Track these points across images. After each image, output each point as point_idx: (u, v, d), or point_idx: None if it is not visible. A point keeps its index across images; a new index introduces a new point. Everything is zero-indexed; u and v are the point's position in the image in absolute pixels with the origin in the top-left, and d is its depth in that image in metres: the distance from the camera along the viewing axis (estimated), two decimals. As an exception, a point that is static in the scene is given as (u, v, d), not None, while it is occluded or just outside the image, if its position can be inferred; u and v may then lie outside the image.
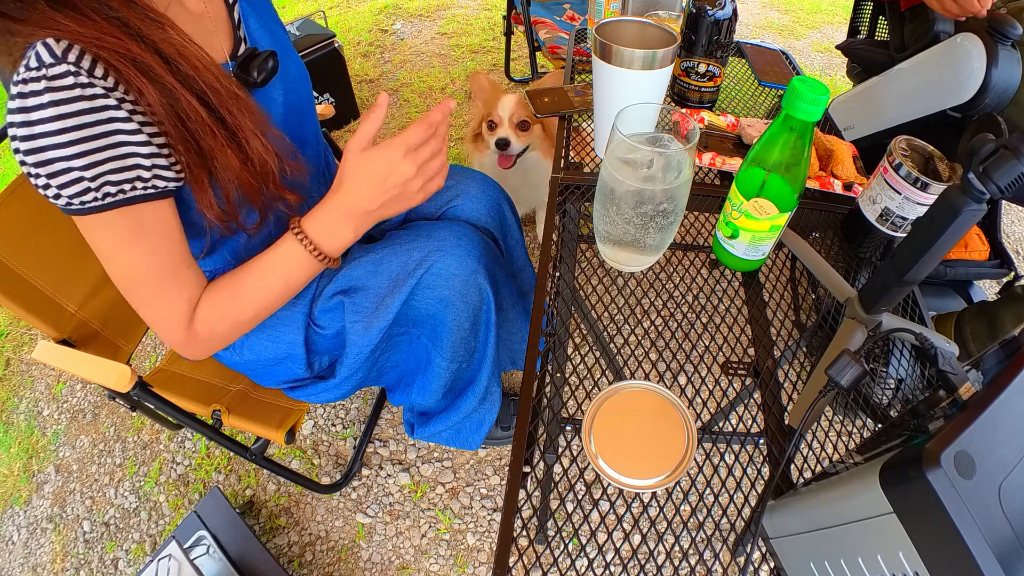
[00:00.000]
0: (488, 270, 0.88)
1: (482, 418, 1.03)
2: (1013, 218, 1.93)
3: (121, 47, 0.52)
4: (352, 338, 0.86)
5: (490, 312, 0.90)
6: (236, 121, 0.61)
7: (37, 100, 0.50)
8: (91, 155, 0.52)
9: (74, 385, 1.53)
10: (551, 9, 2.00)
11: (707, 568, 0.55)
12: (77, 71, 0.50)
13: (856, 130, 1.05)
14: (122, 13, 0.53)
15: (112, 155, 0.54)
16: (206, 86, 0.58)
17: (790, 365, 0.73)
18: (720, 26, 0.90)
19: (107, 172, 0.54)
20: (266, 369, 0.89)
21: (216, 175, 0.62)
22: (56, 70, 0.50)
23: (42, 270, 0.83)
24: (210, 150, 0.60)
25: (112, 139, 0.53)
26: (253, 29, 0.73)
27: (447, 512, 1.22)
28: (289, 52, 0.77)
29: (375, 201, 0.66)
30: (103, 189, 0.54)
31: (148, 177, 0.57)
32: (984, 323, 1.13)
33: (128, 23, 0.53)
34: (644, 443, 0.54)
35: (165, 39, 0.55)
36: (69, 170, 0.52)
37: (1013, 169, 0.47)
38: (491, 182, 1.06)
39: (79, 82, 0.51)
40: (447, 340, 0.90)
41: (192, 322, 0.67)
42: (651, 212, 0.61)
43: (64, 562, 1.22)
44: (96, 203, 0.55)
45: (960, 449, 0.34)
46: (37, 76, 0.50)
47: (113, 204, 0.56)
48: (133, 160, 0.55)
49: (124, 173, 0.55)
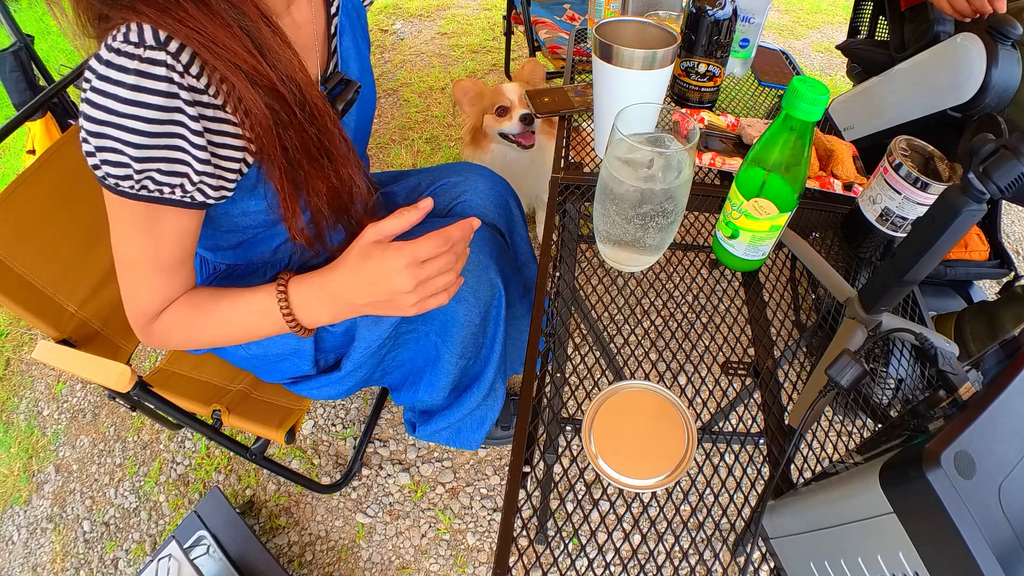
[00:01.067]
0: (498, 265, 0.88)
1: (484, 415, 1.03)
2: (1013, 218, 1.93)
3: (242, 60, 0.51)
4: (362, 332, 0.85)
5: (500, 307, 0.90)
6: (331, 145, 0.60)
7: (121, 76, 0.48)
8: (147, 150, 0.51)
9: (74, 385, 1.53)
10: (551, 9, 2.00)
11: (707, 568, 0.55)
12: (174, 63, 0.48)
13: (856, 130, 1.05)
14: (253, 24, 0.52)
15: (167, 156, 0.53)
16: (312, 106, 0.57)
17: (790, 365, 0.73)
18: (720, 26, 0.90)
19: (155, 171, 0.53)
20: (272, 364, 0.89)
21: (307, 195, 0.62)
22: (153, 55, 0.48)
23: (42, 270, 0.83)
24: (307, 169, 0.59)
25: (173, 141, 0.52)
26: (345, 48, 0.71)
27: (447, 512, 1.22)
28: (368, 72, 0.76)
29: (362, 298, 0.63)
30: (144, 183, 0.54)
31: (191, 189, 0.57)
32: (984, 323, 1.12)
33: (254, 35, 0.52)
34: (644, 443, 0.54)
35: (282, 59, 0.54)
36: (120, 152, 0.51)
37: (1013, 169, 0.47)
38: (498, 178, 1.06)
39: (171, 76, 0.49)
40: (457, 336, 0.89)
41: (157, 318, 0.67)
42: (651, 212, 0.61)
43: (64, 562, 1.22)
44: (131, 191, 0.54)
45: (960, 449, 0.34)
46: (132, 53, 0.48)
47: (146, 198, 0.55)
48: (184, 168, 0.55)
49: (170, 177, 0.55)
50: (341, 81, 0.68)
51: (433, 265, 0.60)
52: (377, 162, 2.14)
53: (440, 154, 2.14)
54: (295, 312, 0.66)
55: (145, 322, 0.67)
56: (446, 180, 1.02)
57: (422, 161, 2.12)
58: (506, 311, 0.92)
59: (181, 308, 0.67)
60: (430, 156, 2.14)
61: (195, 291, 0.69)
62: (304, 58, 0.61)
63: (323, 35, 0.68)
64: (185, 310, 0.67)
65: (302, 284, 0.65)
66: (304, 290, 0.65)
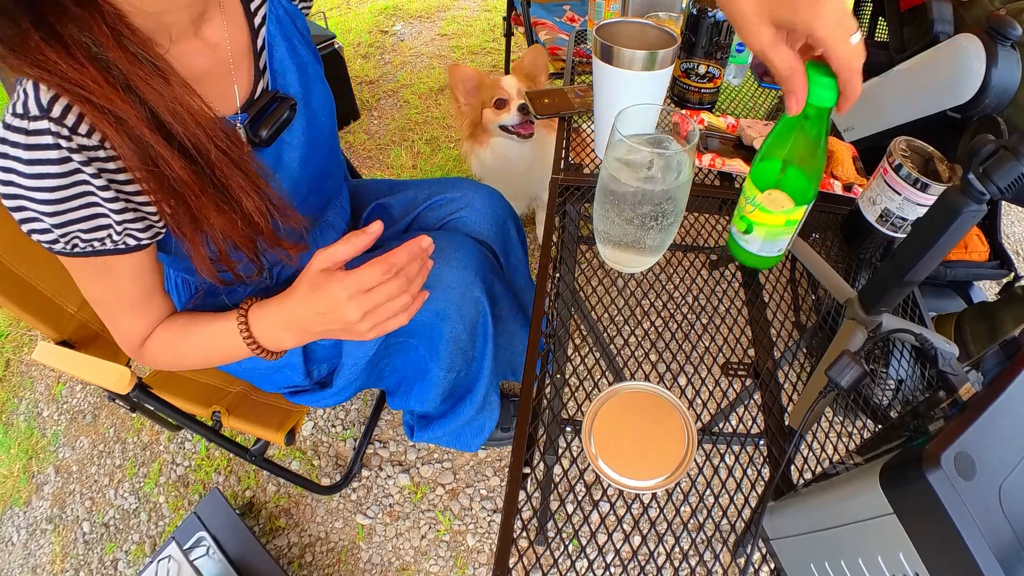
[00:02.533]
0: (485, 282, 0.88)
1: (481, 425, 1.03)
2: (1013, 219, 1.93)
3: (104, 99, 0.49)
4: (349, 348, 0.85)
5: (487, 324, 0.90)
6: (227, 180, 0.58)
7: (16, 152, 0.49)
8: (62, 215, 0.52)
9: (74, 386, 1.53)
10: (551, 10, 2.00)
11: (707, 569, 0.55)
12: (59, 129, 0.49)
13: (856, 131, 1.05)
14: (112, 55, 0.49)
15: (83, 215, 0.54)
16: (194, 144, 0.55)
17: (790, 366, 0.73)
18: (720, 27, 0.90)
19: (76, 230, 0.54)
20: (266, 375, 0.89)
21: (208, 232, 0.60)
22: (37, 125, 0.49)
23: (42, 271, 0.83)
24: (199, 210, 0.57)
25: (84, 200, 0.53)
26: (279, 60, 0.68)
27: (447, 513, 1.22)
28: (314, 81, 0.73)
29: (316, 327, 0.62)
30: (72, 242, 0.55)
31: (118, 238, 0.57)
32: (984, 324, 1.12)
33: (117, 68, 0.50)
34: (644, 444, 0.54)
35: (155, 91, 0.52)
36: (39, 219, 0.52)
37: (1013, 170, 0.47)
38: (498, 196, 1.05)
39: (58, 143, 0.49)
40: (444, 351, 0.89)
41: (144, 345, 0.68)
42: (651, 213, 0.61)
43: (64, 563, 1.22)
44: (65, 251, 0.56)
45: (960, 450, 0.34)
46: (19, 127, 0.49)
47: (81, 254, 0.56)
48: (104, 220, 0.55)
49: (94, 233, 0.55)
50: (274, 99, 0.65)
51: (380, 292, 0.58)
52: (377, 163, 2.14)
53: (440, 155, 2.14)
54: (257, 338, 0.65)
55: (134, 348, 0.69)
56: (443, 195, 1.01)
57: (422, 163, 2.12)
58: (495, 326, 0.91)
59: (163, 335, 0.68)
60: (430, 157, 2.14)
61: (174, 318, 0.69)
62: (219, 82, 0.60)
63: (246, 51, 0.65)
64: (167, 336, 0.68)
65: (262, 311, 0.65)
66: (265, 317, 0.65)
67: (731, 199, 0.86)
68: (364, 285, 0.57)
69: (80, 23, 0.48)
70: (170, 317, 0.69)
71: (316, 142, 0.74)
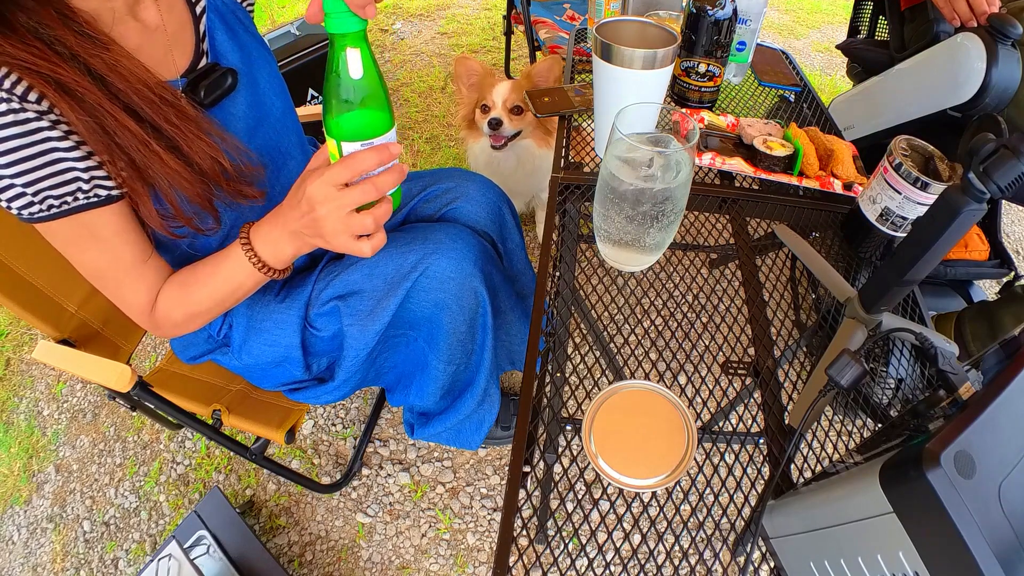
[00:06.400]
0: (484, 273, 0.88)
1: (482, 419, 1.03)
2: (1013, 218, 1.93)
3: (48, 69, 0.54)
4: (349, 341, 0.86)
5: (486, 316, 0.90)
6: (175, 128, 0.62)
7: None
8: (29, 174, 0.56)
9: (74, 385, 1.53)
10: (551, 9, 2.00)
11: (707, 568, 0.55)
12: (9, 98, 0.53)
13: (856, 130, 1.06)
14: (58, 32, 0.55)
15: (50, 172, 0.57)
16: (139, 99, 0.60)
17: (790, 365, 0.73)
18: (720, 26, 0.90)
19: (47, 188, 0.57)
20: (265, 372, 0.90)
21: (157, 185, 0.63)
22: None
23: (42, 270, 0.83)
24: (144, 161, 0.61)
25: (48, 157, 0.56)
26: (220, 43, 0.72)
27: (447, 512, 1.22)
28: (260, 65, 0.77)
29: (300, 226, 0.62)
30: (46, 202, 0.58)
31: (88, 189, 0.60)
32: (984, 323, 1.13)
33: (61, 43, 0.55)
34: (644, 443, 0.54)
35: (96, 56, 0.57)
36: (12, 186, 0.56)
37: (1013, 169, 0.47)
38: (491, 185, 1.05)
39: (11, 108, 0.53)
40: (443, 343, 0.89)
41: (154, 309, 0.70)
42: (651, 212, 0.61)
43: (64, 562, 1.22)
44: (42, 214, 0.59)
45: (960, 449, 0.34)
46: None
47: (58, 215, 0.59)
48: (72, 174, 0.58)
49: (64, 187, 0.58)
50: (212, 68, 0.70)
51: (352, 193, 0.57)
52: (377, 162, 2.14)
53: (440, 154, 2.14)
54: (261, 255, 0.67)
55: (145, 317, 0.71)
56: (439, 185, 1.02)
57: (422, 161, 2.12)
58: (494, 318, 0.92)
59: (170, 291, 0.70)
60: (430, 156, 2.14)
61: (175, 274, 0.72)
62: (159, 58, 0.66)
63: (187, 34, 0.70)
64: (174, 291, 0.70)
65: (262, 224, 0.68)
66: (263, 231, 0.67)
67: (732, 198, 0.86)
68: (335, 179, 0.57)
69: (30, 12, 0.54)
70: (171, 276, 0.71)
71: (265, 119, 0.77)
